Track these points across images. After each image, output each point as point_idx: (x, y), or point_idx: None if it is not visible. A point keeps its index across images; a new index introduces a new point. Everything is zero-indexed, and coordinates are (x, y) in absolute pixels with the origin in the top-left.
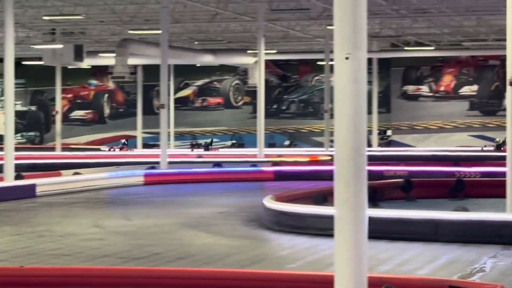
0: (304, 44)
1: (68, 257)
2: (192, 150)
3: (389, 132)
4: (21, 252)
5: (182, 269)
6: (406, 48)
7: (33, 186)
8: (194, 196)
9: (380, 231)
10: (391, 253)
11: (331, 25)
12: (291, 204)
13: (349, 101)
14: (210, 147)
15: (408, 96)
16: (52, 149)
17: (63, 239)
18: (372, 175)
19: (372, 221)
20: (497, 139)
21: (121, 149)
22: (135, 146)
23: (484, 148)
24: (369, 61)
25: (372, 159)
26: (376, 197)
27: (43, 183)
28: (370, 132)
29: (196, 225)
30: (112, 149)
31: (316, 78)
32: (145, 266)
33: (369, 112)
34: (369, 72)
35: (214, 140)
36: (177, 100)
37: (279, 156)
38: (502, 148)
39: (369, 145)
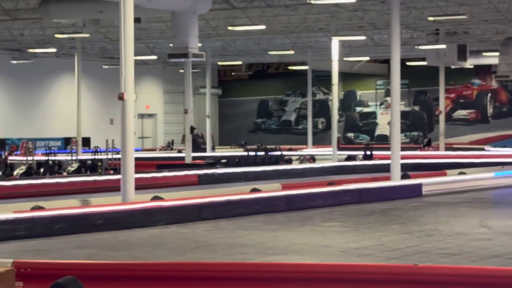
0: None
1: (458, 256)
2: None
3: None
4: (411, 251)
5: None
6: None
7: (419, 186)
8: None
9: None
10: None
11: None
12: None
13: None
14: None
15: None
16: (436, 149)
17: (451, 239)
18: None
19: None
20: None
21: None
22: None
23: None
24: None
25: None
26: None
27: (429, 183)
28: None
29: None
30: None
31: None
32: None
33: None
34: None
35: None
36: None
37: None
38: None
39: None
